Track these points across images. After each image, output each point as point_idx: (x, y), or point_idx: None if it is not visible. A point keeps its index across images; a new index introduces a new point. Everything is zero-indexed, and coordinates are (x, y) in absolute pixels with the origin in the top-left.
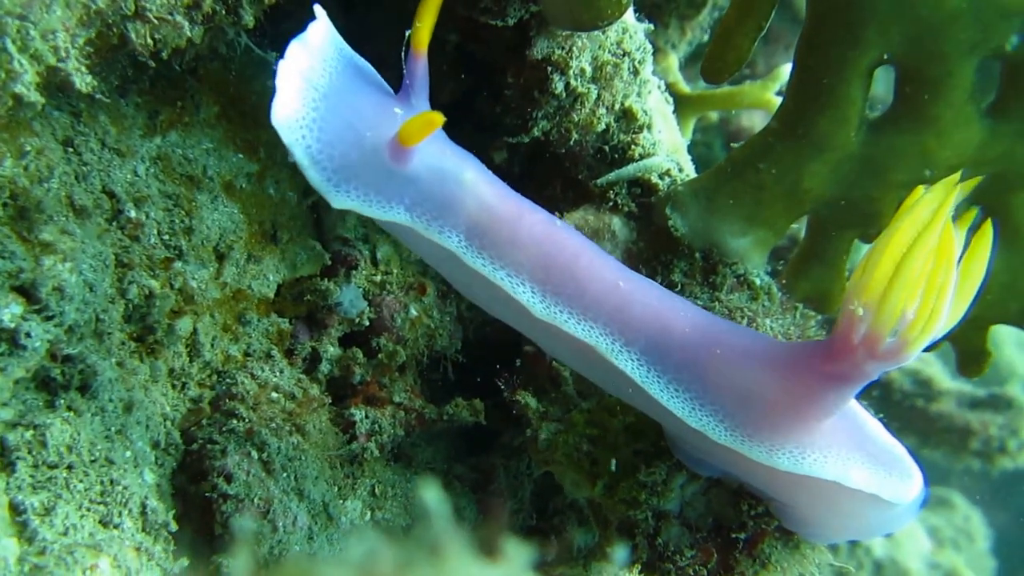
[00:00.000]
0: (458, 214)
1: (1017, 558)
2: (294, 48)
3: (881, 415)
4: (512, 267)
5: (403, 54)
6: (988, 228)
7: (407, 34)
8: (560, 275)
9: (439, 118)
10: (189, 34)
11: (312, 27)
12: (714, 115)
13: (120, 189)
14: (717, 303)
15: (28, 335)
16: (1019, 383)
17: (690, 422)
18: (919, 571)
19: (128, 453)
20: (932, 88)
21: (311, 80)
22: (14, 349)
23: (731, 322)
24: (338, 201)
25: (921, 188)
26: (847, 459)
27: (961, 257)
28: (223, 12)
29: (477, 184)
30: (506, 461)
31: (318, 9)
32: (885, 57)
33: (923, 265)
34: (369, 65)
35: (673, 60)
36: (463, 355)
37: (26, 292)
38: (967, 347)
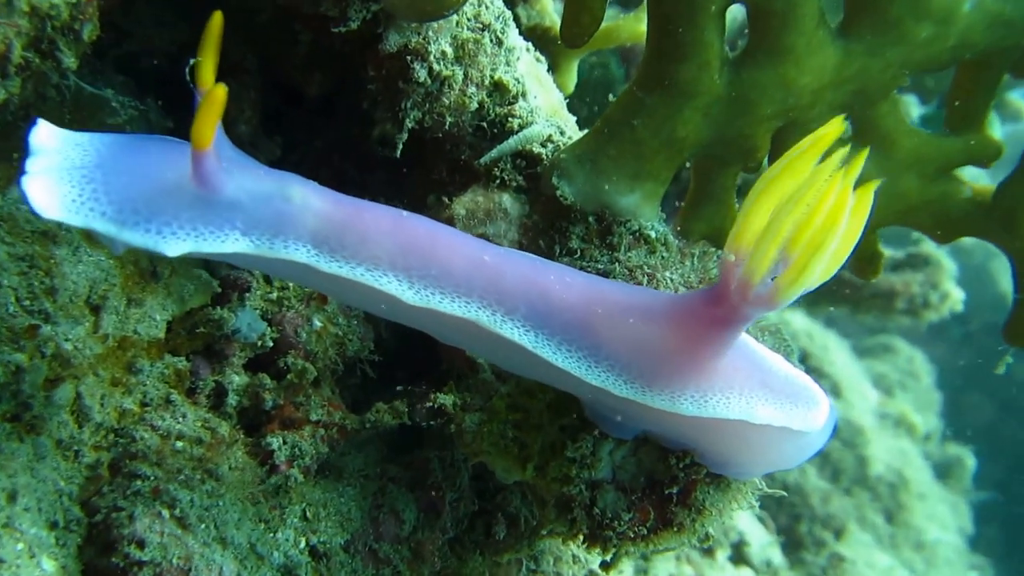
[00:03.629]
0: (297, 229)
1: (957, 387)
2: (30, 162)
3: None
4: (370, 262)
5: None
6: (869, 191)
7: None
8: (421, 259)
9: (221, 92)
10: None
11: (34, 133)
12: None
13: None
14: (617, 264)
15: None
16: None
17: (589, 379)
18: (871, 425)
19: (19, 546)
20: (781, 20)
21: (69, 166)
22: None
23: (608, 280)
24: (170, 247)
25: (807, 140)
26: (750, 397)
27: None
28: (38, 60)
29: (306, 197)
30: (440, 452)
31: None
32: None
33: (795, 219)
34: (153, 135)
35: (547, 1)
36: (378, 354)
37: None
38: (860, 253)
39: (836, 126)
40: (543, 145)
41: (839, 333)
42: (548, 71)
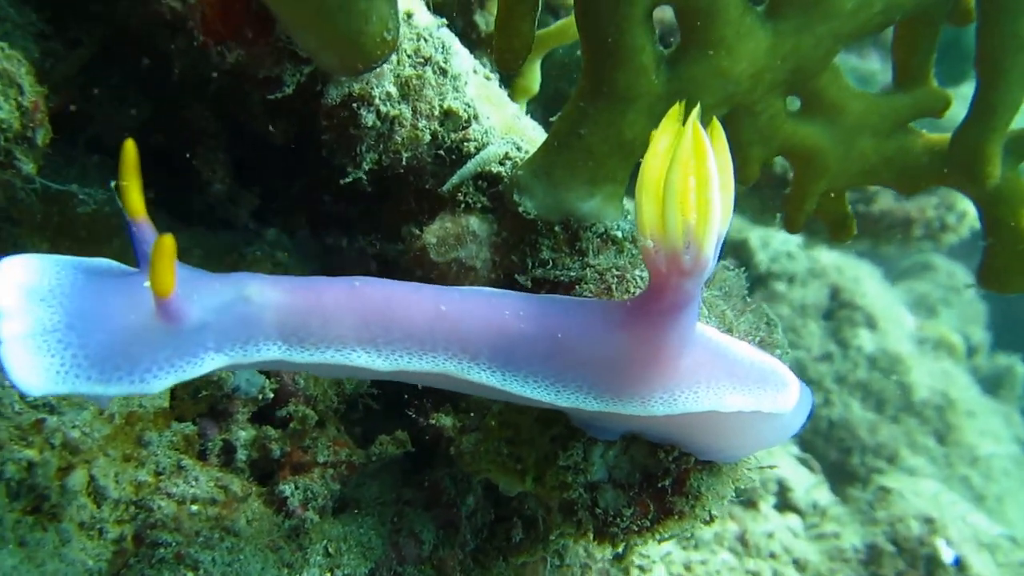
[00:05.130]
0: (264, 328)
1: (1004, 298)
2: (2, 326)
3: None
4: (337, 343)
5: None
6: (716, 125)
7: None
8: (383, 326)
9: (169, 241)
10: None
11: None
12: None
13: None
14: (589, 269)
15: None
16: None
17: (560, 404)
18: (910, 351)
19: None
20: (706, 14)
21: (41, 330)
22: None
23: (562, 300)
24: (155, 387)
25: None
26: (717, 388)
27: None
28: None
29: (264, 293)
30: (450, 469)
31: (3, 262)
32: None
33: (682, 174)
34: (98, 260)
35: None
36: (377, 387)
37: None
38: (831, 217)
39: (674, 109)
40: (501, 163)
41: (872, 261)
42: (502, 85)
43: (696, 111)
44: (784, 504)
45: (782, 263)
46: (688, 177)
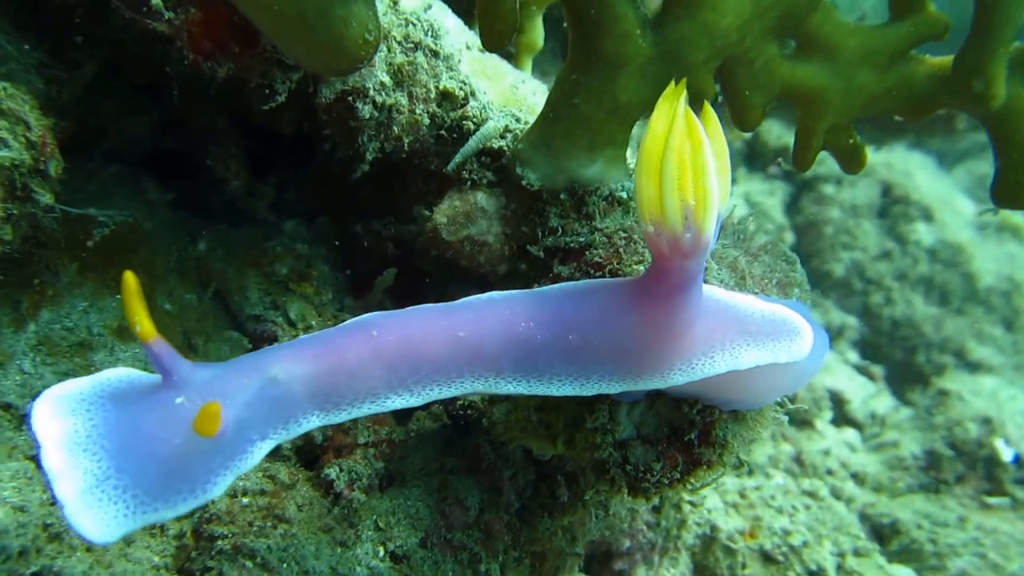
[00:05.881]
0: (299, 404)
1: None
2: (58, 490)
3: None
4: (369, 395)
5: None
6: (708, 109)
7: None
8: (409, 367)
9: (215, 408)
10: None
11: (44, 454)
12: None
13: (14, 397)
14: (597, 234)
15: None
16: None
17: (585, 394)
18: (970, 239)
19: None
20: None
21: (95, 482)
22: None
23: (571, 292)
24: (218, 491)
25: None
26: (732, 348)
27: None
28: (18, 208)
29: (288, 370)
30: (488, 435)
31: (33, 419)
32: None
33: (678, 161)
34: (116, 377)
35: None
36: None
37: None
38: (842, 150)
39: (671, 89)
40: (502, 137)
41: (923, 151)
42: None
43: (684, 96)
44: (841, 418)
45: (828, 164)
46: (684, 163)
